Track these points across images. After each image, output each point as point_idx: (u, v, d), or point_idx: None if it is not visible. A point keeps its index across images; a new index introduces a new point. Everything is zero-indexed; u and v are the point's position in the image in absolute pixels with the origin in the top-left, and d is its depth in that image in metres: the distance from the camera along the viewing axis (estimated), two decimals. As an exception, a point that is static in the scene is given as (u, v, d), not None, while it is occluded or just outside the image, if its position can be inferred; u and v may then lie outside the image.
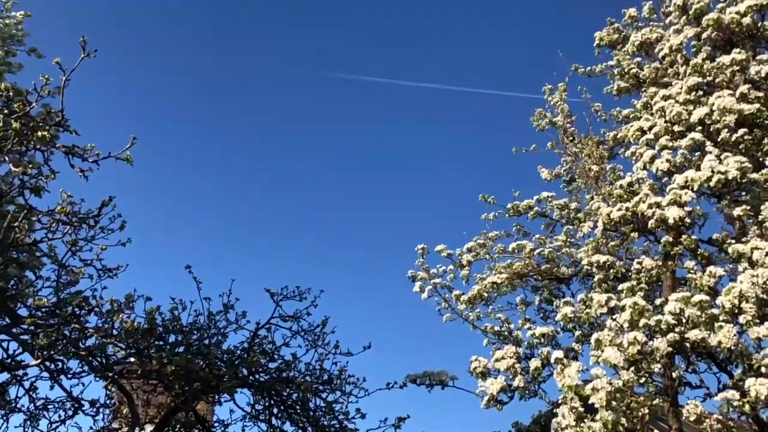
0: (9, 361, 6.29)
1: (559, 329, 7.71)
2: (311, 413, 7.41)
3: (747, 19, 8.11)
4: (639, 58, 9.85)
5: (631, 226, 7.63)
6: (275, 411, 7.53)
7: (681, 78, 8.59)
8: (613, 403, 5.94)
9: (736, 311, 6.02)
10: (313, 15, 36.25)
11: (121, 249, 6.61)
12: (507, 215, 9.88)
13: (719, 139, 7.58)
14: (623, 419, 5.93)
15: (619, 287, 7.18)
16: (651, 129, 8.09)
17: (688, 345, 6.17)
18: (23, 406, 6.86)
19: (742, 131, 7.47)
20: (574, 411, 6.14)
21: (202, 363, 6.60)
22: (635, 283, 7.32)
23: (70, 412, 6.94)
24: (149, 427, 7.59)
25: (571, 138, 10.11)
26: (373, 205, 38.61)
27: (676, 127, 7.86)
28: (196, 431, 7.78)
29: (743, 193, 7.41)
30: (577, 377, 6.20)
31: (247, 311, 7.36)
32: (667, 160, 7.44)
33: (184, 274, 7.05)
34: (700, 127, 7.70)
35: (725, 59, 8.00)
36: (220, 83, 36.52)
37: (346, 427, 7.37)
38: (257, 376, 7.28)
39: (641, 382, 6.40)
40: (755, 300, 5.97)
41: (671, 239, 7.42)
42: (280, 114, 37.48)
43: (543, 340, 7.19)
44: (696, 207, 7.25)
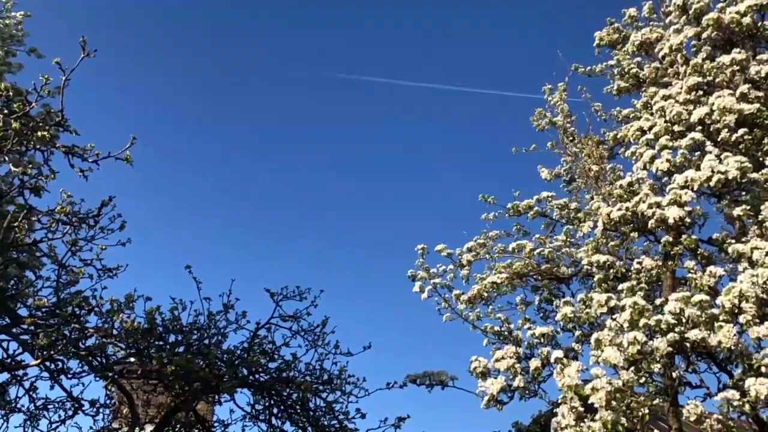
0: (9, 361, 6.29)
1: (559, 329, 7.71)
2: (311, 413, 7.41)
3: (747, 19, 8.10)
4: (639, 58, 9.85)
5: (631, 225, 7.63)
6: (275, 411, 7.53)
7: (681, 78, 8.59)
8: (613, 402, 5.94)
9: (736, 311, 6.02)
10: (313, 15, 36.29)
11: (121, 249, 6.63)
12: (507, 215, 9.88)
13: (719, 139, 7.58)
14: (623, 419, 5.92)
15: (619, 287, 7.18)
16: (651, 129, 8.08)
17: (688, 345, 6.16)
18: (23, 406, 6.87)
19: (742, 131, 7.47)
20: (574, 411, 6.13)
21: (202, 363, 6.59)
22: (635, 282, 7.32)
23: (70, 412, 6.94)
24: (149, 427, 7.59)
25: (571, 138, 10.10)
26: (373, 205, 38.64)
27: (676, 127, 7.86)
28: (196, 431, 7.78)
29: (743, 192, 7.41)
30: (577, 377, 6.20)
31: (247, 311, 7.38)
32: (667, 160, 7.44)
33: (184, 274, 7.06)
34: (700, 127, 7.70)
35: (725, 59, 7.99)
36: (220, 83, 36.56)
37: (346, 427, 7.37)
38: (257, 376, 7.28)
39: (641, 382, 6.39)
40: (755, 300, 5.97)
41: (671, 239, 7.42)
42: (280, 114, 37.52)
43: (543, 340, 7.19)
44: (696, 207, 7.25)
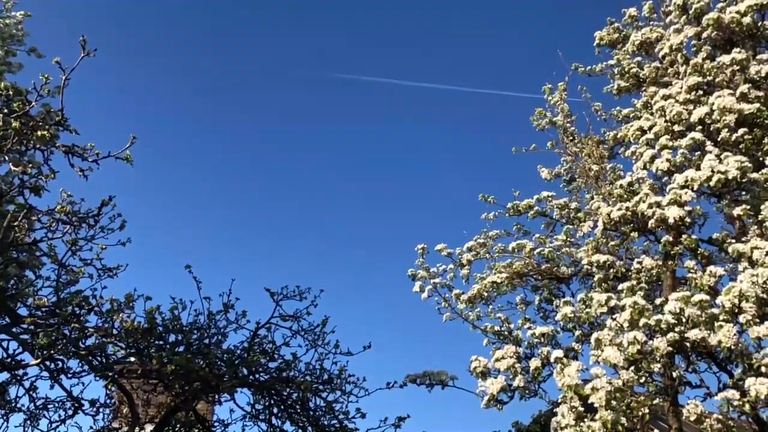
0: (9, 360, 6.29)
1: (559, 329, 7.71)
2: (311, 413, 7.41)
3: (747, 19, 8.10)
4: (639, 58, 9.85)
5: (631, 225, 7.63)
6: (275, 410, 7.53)
7: (681, 77, 8.59)
8: (613, 402, 5.93)
9: (736, 311, 6.01)
10: (313, 15, 36.28)
11: (121, 248, 6.63)
12: (507, 215, 9.87)
13: (719, 139, 7.58)
14: (623, 419, 5.92)
15: (619, 287, 7.18)
16: (651, 128, 8.08)
17: (688, 344, 6.16)
18: (23, 405, 6.86)
19: (742, 131, 7.47)
20: (574, 410, 6.13)
21: (202, 362, 6.59)
22: (635, 282, 7.31)
23: (70, 412, 6.94)
24: (149, 427, 7.59)
25: (571, 137, 10.10)
26: (373, 205, 38.63)
27: (676, 127, 7.86)
28: (196, 431, 7.78)
29: (743, 192, 7.40)
30: (577, 377, 6.20)
31: (247, 311, 7.37)
32: (667, 160, 7.44)
33: (184, 274, 7.05)
34: (700, 127, 7.70)
35: (725, 59, 7.99)
36: (220, 83, 36.55)
37: (346, 427, 7.37)
38: (257, 376, 7.27)
39: (641, 381, 6.39)
40: (755, 299, 5.97)
41: (671, 239, 7.42)
42: (280, 114, 37.51)
43: (543, 340, 7.18)
44: (696, 207, 7.25)
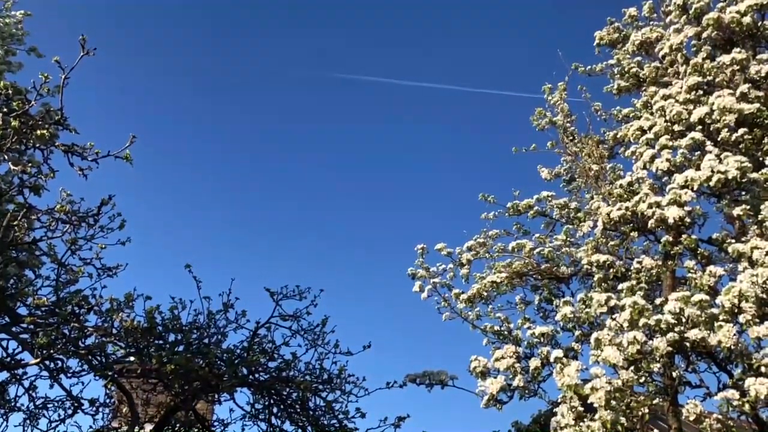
0: (8, 360, 6.29)
1: (558, 329, 7.71)
2: (311, 412, 7.40)
3: (747, 19, 8.11)
4: (639, 58, 9.86)
5: (631, 225, 7.63)
6: (275, 410, 7.52)
7: (681, 77, 8.59)
8: (613, 402, 5.94)
9: (736, 311, 6.02)
10: (313, 15, 36.24)
11: (120, 248, 6.63)
12: (507, 214, 9.88)
13: (719, 139, 7.58)
14: (622, 419, 5.92)
15: (619, 287, 7.18)
16: (651, 128, 8.09)
17: (688, 344, 6.16)
18: (23, 405, 6.85)
19: (742, 131, 7.47)
20: (574, 410, 6.13)
21: (201, 362, 6.58)
22: (635, 282, 7.32)
23: (70, 411, 6.93)
24: (149, 426, 7.59)
25: (571, 137, 10.11)
26: (373, 205, 38.58)
27: (676, 127, 7.87)
28: (196, 430, 7.78)
29: (743, 192, 7.41)
30: (577, 377, 6.20)
31: (247, 310, 7.34)
32: (667, 160, 7.45)
33: (184, 274, 7.03)
34: (700, 127, 7.70)
35: (725, 59, 8.00)
36: (220, 83, 36.51)
37: (346, 427, 7.36)
38: (257, 376, 7.27)
39: (641, 381, 6.39)
40: (755, 299, 5.97)
41: (671, 239, 7.42)
42: (280, 114, 37.46)
43: (543, 340, 7.19)
44: (696, 206, 7.26)
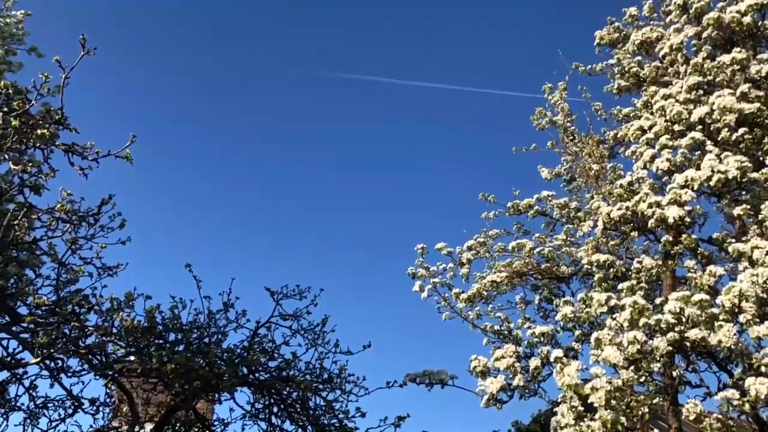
0: (9, 359, 6.29)
1: (558, 328, 7.72)
2: (311, 412, 7.41)
3: (747, 18, 8.11)
4: (639, 57, 9.86)
5: (631, 225, 7.63)
6: (275, 410, 7.52)
7: (681, 77, 8.59)
8: (613, 402, 5.94)
9: (736, 310, 6.02)
10: (313, 15, 36.20)
11: (120, 247, 6.63)
12: (507, 214, 9.89)
13: (719, 139, 7.58)
14: (623, 418, 5.93)
15: (619, 286, 7.18)
16: (651, 128, 8.09)
17: (688, 344, 6.16)
18: (23, 404, 6.85)
19: (742, 130, 7.48)
20: (574, 410, 6.14)
21: (202, 361, 6.58)
22: (635, 282, 7.32)
23: (70, 411, 6.93)
24: (149, 426, 7.60)
25: (571, 137, 10.11)
26: (373, 205, 38.54)
27: (677, 126, 7.87)
28: (196, 430, 7.78)
29: (743, 192, 7.41)
30: (577, 376, 6.21)
31: (247, 310, 7.34)
32: (668, 160, 7.45)
33: (184, 273, 7.03)
34: (701, 127, 7.70)
35: (725, 58, 8.00)
36: (220, 83, 36.46)
37: (346, 426, 7.36)
38: (257, 375, 7.27)
39: (641, 381, 6.39)
40: (755, 299, 5.97)
41: (671, 238, 7.42)
42: (280, 114, 37.41)
43: (543, 339, 7.19)
44: (696, 206, 7.25)
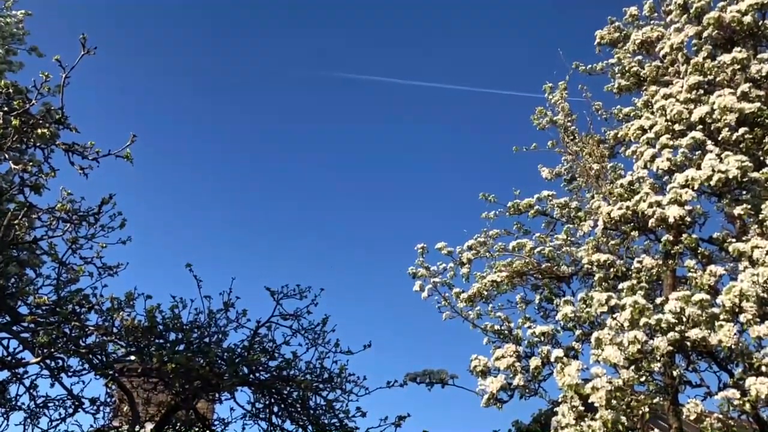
0: (9, 359, 6.29)
1: (559, 328, 7.71)
2: (311, 411, 7.41)
3: (748, 18, 8.11)
4: (640, 57, 9.86)
5: (632, 224, 7.63)
6: (275, 409, 7.52)
7: (682, 77, 8.59)
8: (613, 401, 5.94)
9: (737, 310, 6.02)
10: (313, 15, 36.16)
11: (121, 247, 6.63)
12: (507, 214, 9.89)
13: (720, 138, 7.58)
14: (623, 418, 5.93)
15: (620, 286, 7.19)
16: (652, 128, 8.09)
17: (689, 344, 6.17)
18: (23, 404, 6.85)
19: (742, 130, 7.47)
20: (574, 410, 6.14)
21: (202, 361, 6.58)
22: (635, 281, 7.32)
23: (71, 410, 6.93)
24: (149, 425, 7.60)
25: (571, 137, 10.11)
26: (373, 205, 38.51)
27: (677, 126, 7.87)
28: (197, 429, 7.78)
29: (744, 191, 7.41)
30: (577, 376, 6.21)
31: (248, 309, 7.33)
32: (668, 159, 7.45)
33: (185, 273, 7.02)
34: (701, 126, 7.70)
35: (726, 58, 8.00)
36: (220, 83, 36.42)
37: (347, 426, 7.36)
38: (257, 375, 7.27)
39: (641, 380, 6.39)
40: (756, 299, 5.97)
41: (672, 238, 7.42)
42: (280, 114, 37.38)
43: (543, 339, 7.19)
44: (696, 206, 7.26)
